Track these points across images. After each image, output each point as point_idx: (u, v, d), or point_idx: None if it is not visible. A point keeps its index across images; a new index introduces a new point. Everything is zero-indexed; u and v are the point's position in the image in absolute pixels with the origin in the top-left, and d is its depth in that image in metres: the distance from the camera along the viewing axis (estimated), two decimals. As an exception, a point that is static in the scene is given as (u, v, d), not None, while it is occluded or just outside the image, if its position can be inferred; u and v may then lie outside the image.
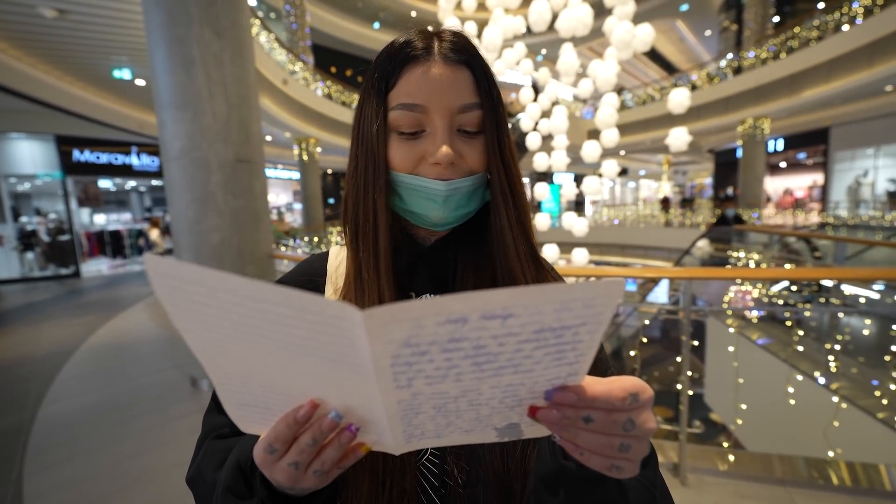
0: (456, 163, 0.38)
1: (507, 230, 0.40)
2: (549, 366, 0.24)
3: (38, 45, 5.10)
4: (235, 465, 0.33)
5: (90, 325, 4.72)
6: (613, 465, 0.25)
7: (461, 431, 0.28)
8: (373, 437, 0.28)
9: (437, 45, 0.39)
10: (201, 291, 0.21)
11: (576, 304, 0.21)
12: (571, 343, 0.23)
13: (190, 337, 0.24)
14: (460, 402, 0.25)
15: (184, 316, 0.23)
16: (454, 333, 0.21)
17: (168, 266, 0.21)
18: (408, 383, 0.23)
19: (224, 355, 0.25)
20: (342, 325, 0.21)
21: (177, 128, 2.57)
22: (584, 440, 0.25)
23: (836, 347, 2.70)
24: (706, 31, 15.85)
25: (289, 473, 0.27)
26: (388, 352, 0.21)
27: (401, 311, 0.20)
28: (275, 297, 0.21)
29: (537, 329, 0.22)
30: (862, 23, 7.03)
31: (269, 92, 7.36)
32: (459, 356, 0.22)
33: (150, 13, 2.53)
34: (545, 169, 4.23)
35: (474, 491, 0.38)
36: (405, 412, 0.25)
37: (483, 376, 0.24)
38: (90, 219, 10.97)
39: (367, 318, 0.20)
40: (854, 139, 10.67)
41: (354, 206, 0.41)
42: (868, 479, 1.78)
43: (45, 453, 2.22)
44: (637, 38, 3.23)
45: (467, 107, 0.38)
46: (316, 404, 0.26)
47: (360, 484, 0.37)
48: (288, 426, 0.26)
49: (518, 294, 0.20)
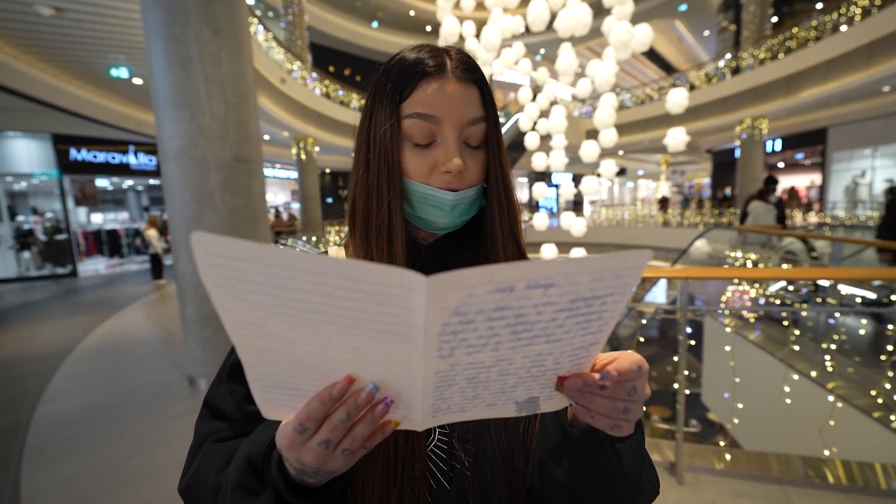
0: (463, 173, 0.41)
1: (499, 233, 0.44)
2: (577, 335, 0.26)
3: (35, 43, 5.08)
4: (245, 460, 0.33)
5: (87, 324, 4.70)
6: (616, 425, 0.30)
7: (484, 405, 0.30)
8: (402, 412, 0.29)
9: (450, 64, 0.42)
10: (254, 269, 0.21)
11: (608, 274, 0.23)
12: (598, 313, 0.25)
13: (231, 318, 0.24)
14: (492, 371, 0.27)
15: (229, 295, 0.22)
16: (500, 302, 0.23)
17: (220, 244, 0.20)
18: (450, 352, 0.24)
19: (264, 335, 0.24)
20: (401, 293, 0.21)
21: (174, 127, 2.57)
22: (597, 405, 0.30)
23: (833, 347, 2.72)
24: (704, 32, 15.88)
25: (318, 453, 0.28)
26: (440, 319, 0.22)
27: (459, 279, 0.21)
28: (335, 269, 0.21)
29: (573, 298, 0.24)
30: (859, 23, 7.06)
31: (267, 91, 7.34)
32: (501, 325, 0.24)
33: (147, 12, 2.52)
34: (543, 169, 4.23)
35: (481, 469, 0.41)
36: (439, 384, 0.26)
37: (518, 345, 0.25)
38: (87, 218, 10.94)
39: (431, 284, 0.20)
40: (851, 140, 10.71)
41: (366, 208, 0.42)
42: (864, 477, 1.79)
43: (41, 453, 2.22)
44: (635, 38, 3.23)
45: (475, 120, 0.42)
46: (352, 379, 0.26)
47: (373, 472, 0.38)
48: (322, 403, 0.26)
49: (560, 264, 0.22)
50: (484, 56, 3.94)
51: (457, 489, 0.40)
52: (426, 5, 14.32)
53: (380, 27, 15.78)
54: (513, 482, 0.41)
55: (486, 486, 0.41)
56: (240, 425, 0.40)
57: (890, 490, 1.73)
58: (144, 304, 5.71)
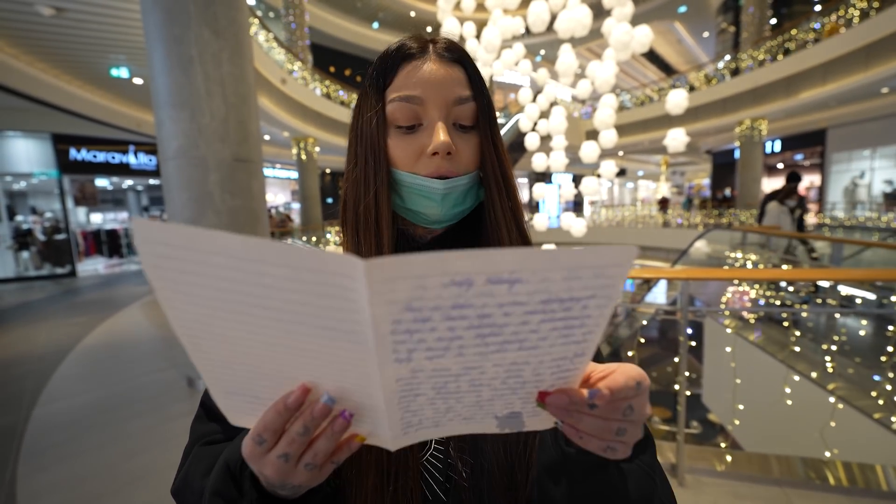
0: (452, 154, 0.39)
1: (501, 221, 0.41)
2: (556, 343, 0.23)
3: (36, 42, 5.08)
4: (224, 467, 0.32)
5: (86, 324, 4.69)
6: (608, 447, 0.26)
7: (461, 419, 0.27)
8: (368, 426, 0.26)
9: (432, 46, 0.41)
10: (192, 257, 0.19)
11: (585, 272, 0.20)
12: (579, 318, 0.22)
13: (174, 314, 0.22)
14: (461, 381, 0.24)
15: (170, 289, 0.20)
16: (458, 299, 0.20)
17: (158, 230, 0.19)
18: (408, 356, 0.22)
19: (209, 335, 0.23)
20: (343, 282, 0.19)
21: (174, 127, 2.56)
22: (586, 425, 0.26)
23: (833, 348, 2.72)
24: (704, 33, 15.91)
25: (278, 467, 0.26)
26: (389, 315, 0.20)
27: (405, 265, 0.19)
28: (272, 255, 0.19)
29: (545, 299, 0.21)
30: (858, 25, 7.08)
31: (268, 91, 7.35)
32: (463, 325, 0.21)
33: (148, 12, 2.52)
34: (544, 169, 4.24)
35: (478, 483, 0.39)
36: (404, 394, 0.24)
37: (487, 351, 0.23)
38: (87, 218, 10.92)
39: (370, 269, 0.18)
40: (850, 141, 10.73)
41: (355, 202, 0.41)
42: (865, 479, 1.78)
43: (39, 454, 2.21)
44: (635, 39, 3.24)
45: (462, 99, 0.39)
46: (308, 389, 0.24)
47: (365, 480, 0.36)
48: (277, 413, 0.25)
49: (526, 255, 0.19)
50: (484, 57, 3.95)
51: (453, 502, 0.39)
52: (427, 6, 14.35)
53: (381, 28, 15.80)
54: (511, 498, 0.39)
55: (483, 500, 0.38)
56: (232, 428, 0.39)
57: (891, 491, 1.72)
58: (144, 304, 5.70)
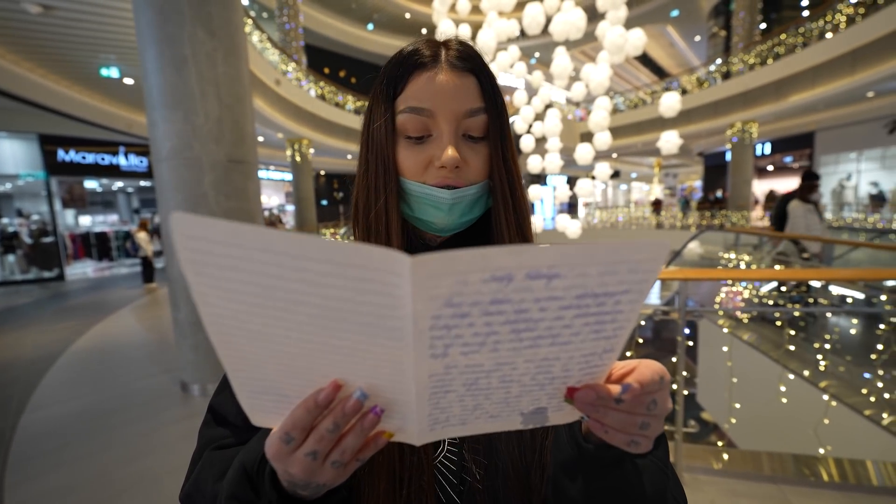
0: (461, 167, 0.39)
1: (505, 233, 0.41)
2: (587, 338, 0.24)
3: (22, 41, 4.98)
4: (240, 469, 0.31)
5: (75, 329, 4.60)
6: (632, 441, 0.27)
7: (487, 417, 0.27)
8: (396, 422, 0.27)
9: (444, 53, 0.40)
10: (234, 253, 0.19)
11: (621, 267, 0.21)
12: (611, 314, 0.23)
13: (208, 311, 0.22)
14: (493, 377, 0.25)
15: (208, 285, 0.20)
16: (497, 294, 0.21)
17: (198, 225, 0.19)
18: (444, 351, 0.22)
19: (244, 332, 0.23)
20: (386, 277, 0.19)
21: (168, 128, 2.53)
22: (612, 419, 0.27)
23: (826, 346, 2.76)
24: (696, 37, 16.17)
25: (305, 465, 0.26)
26: (429, 310, 0.20)
27: (449, 261, 0.19)
28: (316, 252, 0.19)
29: (580, 294, 0.21)
30: (844, 31, 7.24)
31: (262, 92, 7.29)
32: (500, 321, 0.22)
33: (140, 11, 2.49)
34: (539, 171, 4.26)
35: (493, 485, 0.38)
36: (435, 389, 0.24)
37: (520, 347, 0.23)
38: (75, 220, 10.73)
39: (416, 266, 0.19)
40: (838, 143, 10.98)
41: (366, 208, 0.41)
42: (856, 475, 1.82)
43: (28, 462, 2.15)
44: (629, 42, 3.28)
45: (473, 111, 0.39)
46: (339, 385, 0.24)
47: (378, 482, 0.36)
48: (307, 411, 0.25)
49: (564, 251, 0.20)
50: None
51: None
52: (422, 8, 14.38)
53: (375, 29, 15.79)
54: (527, 499, 0.38)
55: (498, 501, 0.38)
56: (242, 432, 0.39)
57: (881, 487, 1.75)
58: (135, 308, 5.61)
